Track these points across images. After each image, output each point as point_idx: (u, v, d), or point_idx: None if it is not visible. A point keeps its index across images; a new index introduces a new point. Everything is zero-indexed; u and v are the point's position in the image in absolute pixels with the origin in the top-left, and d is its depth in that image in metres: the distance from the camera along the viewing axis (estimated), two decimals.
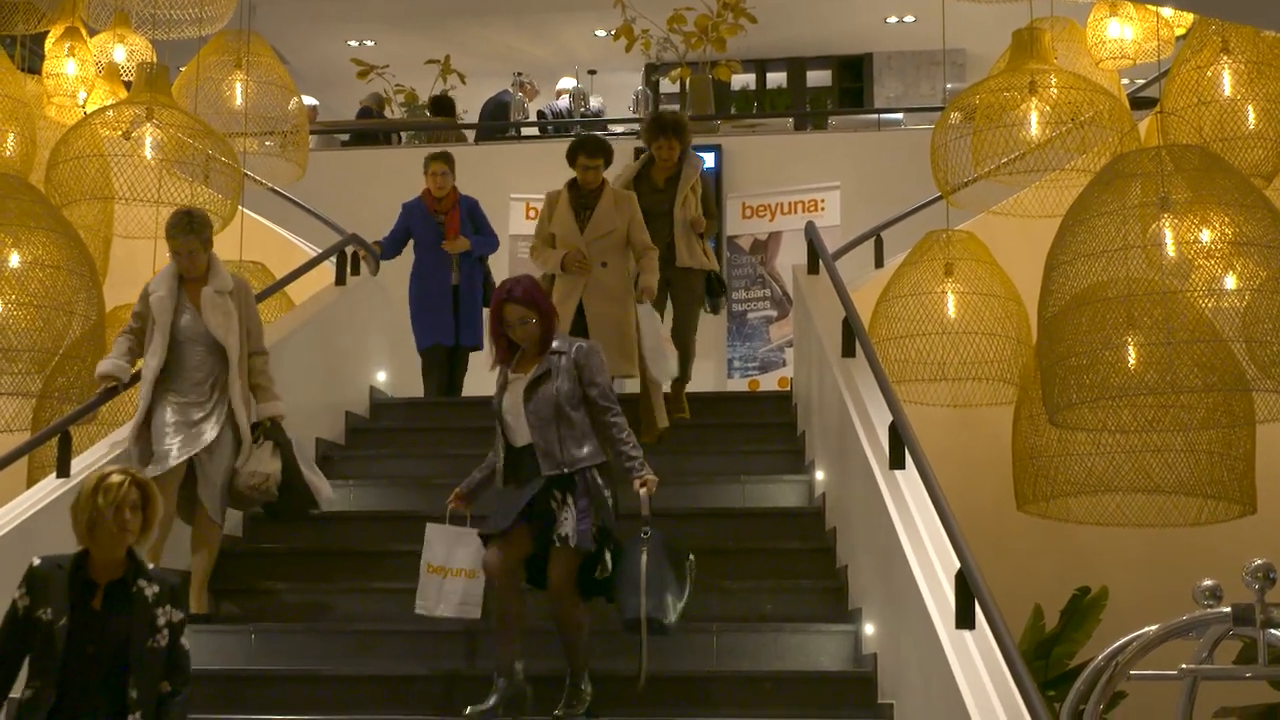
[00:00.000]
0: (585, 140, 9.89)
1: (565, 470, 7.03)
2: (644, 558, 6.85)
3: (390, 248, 12.01)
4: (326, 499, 8.48)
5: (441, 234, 11.69)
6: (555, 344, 7.27)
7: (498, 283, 11.88)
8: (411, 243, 11.94)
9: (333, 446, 10.59)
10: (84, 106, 11.26)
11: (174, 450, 7.99)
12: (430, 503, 9.19)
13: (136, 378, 8.37)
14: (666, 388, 10.11)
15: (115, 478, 5.63)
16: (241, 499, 8.32)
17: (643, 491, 7.04)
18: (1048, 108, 8.79)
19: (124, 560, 5.63)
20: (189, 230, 8.24)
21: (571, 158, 9.75)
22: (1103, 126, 8.63)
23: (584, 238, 9.65)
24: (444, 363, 11.80)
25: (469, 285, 11.77)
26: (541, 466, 7.06)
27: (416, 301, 11.84)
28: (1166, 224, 7.30)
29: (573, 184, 9.81)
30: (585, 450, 7.10)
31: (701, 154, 15.23)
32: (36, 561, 5.64)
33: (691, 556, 7.08)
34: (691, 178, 10.52)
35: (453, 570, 7.36)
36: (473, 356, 11.81)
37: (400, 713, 7.38)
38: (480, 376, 12.26)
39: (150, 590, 5.62)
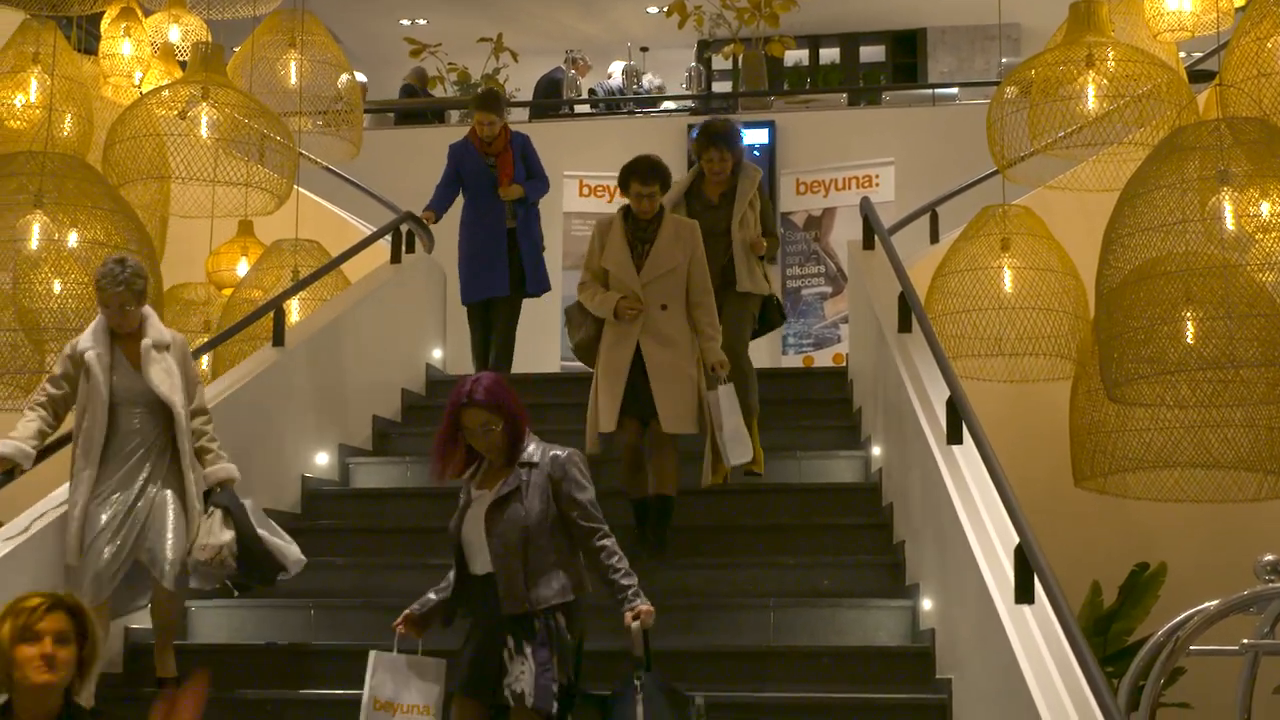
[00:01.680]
0: (638, 164, 8.50)
1: (528, 609, 5.95)
2: (639, 708, 5.90)
3: (443, 196, 11.40)
4: (295, 561, 7.50)
5: (493, 178, 11.10)
6: (529, 452, 6.18)
7: (545, 230, 11.76)
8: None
9: (389, 424, 10.65)
10: (140, 86, 11.32)
11: (113, 565, 7.10)
12: None
13: (51, 450, 7.63)
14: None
15: (31, 600, 4.39)
16: (200, 575, 7.28)
17: (635, 625, 5.96)
18: (1105, 81, 8.73)
19: (56, 709, 4.36)
20: (118, 282, 7.32)
21: (624, 184, 8.48)
22: (1161, 100, 8.57)
23: (641, 277, 8.34)
24: (496, 315, 11.17)
25: (525, 228, 11.17)
26: (502, 603, 5.99)
27: (468, 251, 11.19)
28: (1225, 197, 7.24)
29: (627, 211, 8.55)
30: (554, 587, 6.00)
31: (755, 129, 15.27)
32: None
33: (699, 699, 6.17)
34: (749, 192, 9.32)
35: (403, 707, 6.23)
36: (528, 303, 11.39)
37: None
38: (534, 328, 12.15)
39: None
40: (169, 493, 7.25)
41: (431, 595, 6.40)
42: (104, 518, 7.10)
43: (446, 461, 6.22)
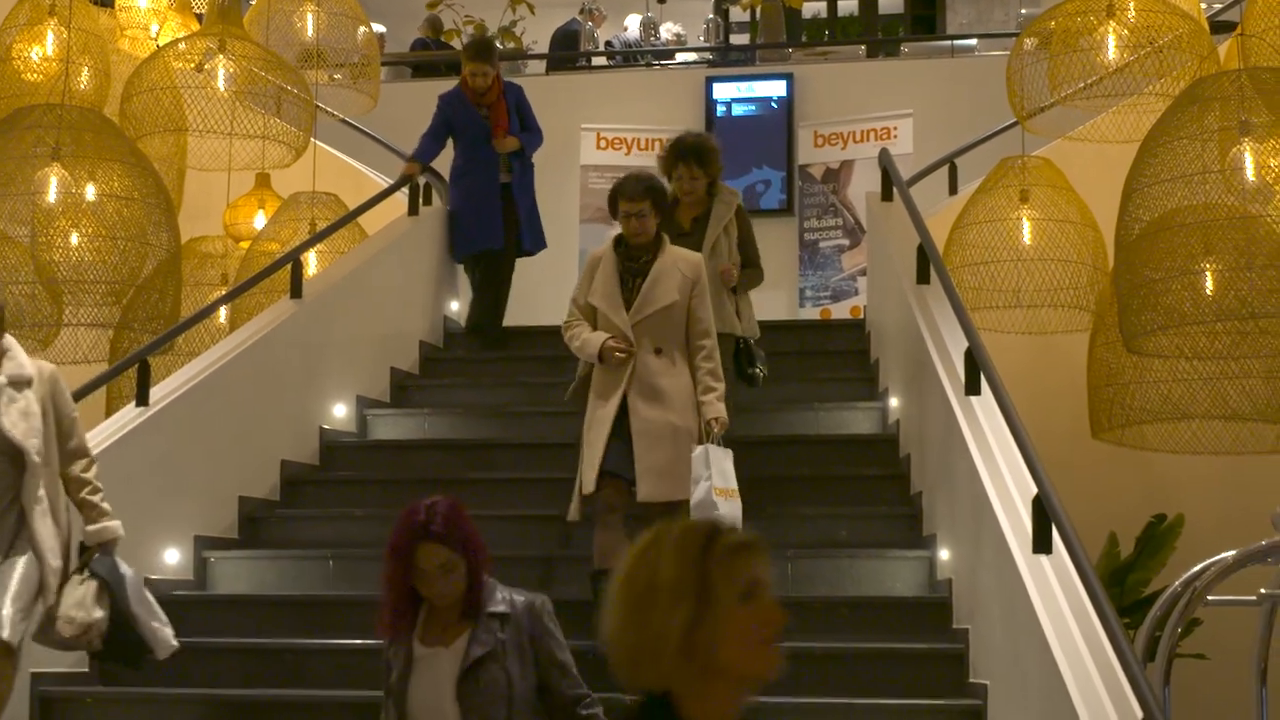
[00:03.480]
0: (624, 180, 7.37)
1: None
2: None
3: (430, 146, 11.31)
4: (166, 646, 6.42)
5: (487, 129, 11.03)
6: (497, 599, 5.01)
7: (562, 182, 11.47)
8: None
9: (407, 376, 10.66)
10: (156, 39, 11.31)
11: None
12: (504, 430, 9.34)
13: None
14: None
15: (735, 536, 2.90)
16: (56, 644, 6.31)
17: None
18: (1126, 31, 8.70)
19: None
20: None
21: (612, 206, 7.41)
22: (1182, 50, 8.54)
23: (630, 316, 7.15)
24: (494, 269, 11.17)
25: (522, 183, 11.10)
26: None
27: (462, 205, 11.17)
28: (1246, 148, 7.22)
29: (620, 240, 7.39)
30: None
31: (772, 81, 15.21)
32: None
33: None
34: (724, 217, 8.27)
35: None
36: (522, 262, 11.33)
37: None
38: (549, 279, 12.13)
39: None
40: (26, 551, 6.07)
41: None
42: None
43: (402, 615, 4.98)
